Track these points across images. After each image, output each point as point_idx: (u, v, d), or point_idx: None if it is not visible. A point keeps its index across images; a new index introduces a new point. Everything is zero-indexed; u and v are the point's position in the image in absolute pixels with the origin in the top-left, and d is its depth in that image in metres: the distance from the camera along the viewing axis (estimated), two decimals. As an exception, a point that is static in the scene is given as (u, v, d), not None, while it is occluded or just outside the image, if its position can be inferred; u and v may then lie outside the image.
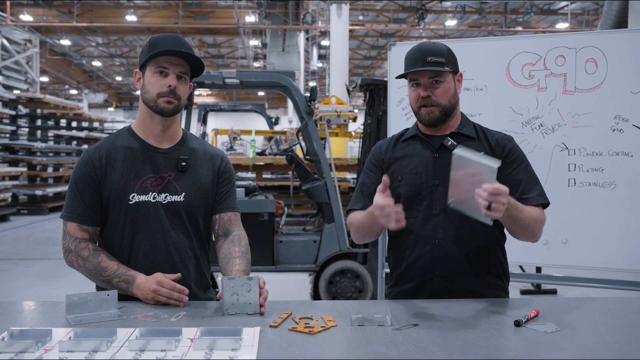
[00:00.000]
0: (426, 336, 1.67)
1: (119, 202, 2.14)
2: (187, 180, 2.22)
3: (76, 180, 2.16)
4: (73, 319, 1.81)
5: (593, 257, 3.57)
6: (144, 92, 2.16)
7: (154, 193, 2.16)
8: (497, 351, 1.56)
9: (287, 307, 1.98)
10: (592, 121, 3.53)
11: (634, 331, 1.75)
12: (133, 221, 2.15)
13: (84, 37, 26.81)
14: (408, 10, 22.19)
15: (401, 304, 2.07)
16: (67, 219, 2.15)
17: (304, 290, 5.97)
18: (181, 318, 1.85)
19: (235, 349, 1.53)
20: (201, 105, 9.79)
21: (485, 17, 23.46)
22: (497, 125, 3.71)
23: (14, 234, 11.57)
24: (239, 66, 32.72)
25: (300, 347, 1.58)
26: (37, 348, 1.52)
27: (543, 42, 3.63)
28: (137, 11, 22.46)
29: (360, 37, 27.82)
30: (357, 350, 1.57)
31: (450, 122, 2.30)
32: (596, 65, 3.52)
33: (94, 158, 2.16)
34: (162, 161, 2.20)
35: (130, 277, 2.06)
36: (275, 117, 10.98)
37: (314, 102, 6.16)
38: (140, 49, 2.50)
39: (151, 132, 2.22)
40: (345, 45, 14.52)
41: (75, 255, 2.12)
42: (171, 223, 2.19)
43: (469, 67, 3.76)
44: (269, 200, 6.03)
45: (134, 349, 1.52)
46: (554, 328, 1.75)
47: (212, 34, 25.18)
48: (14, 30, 19.10)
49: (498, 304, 2.07)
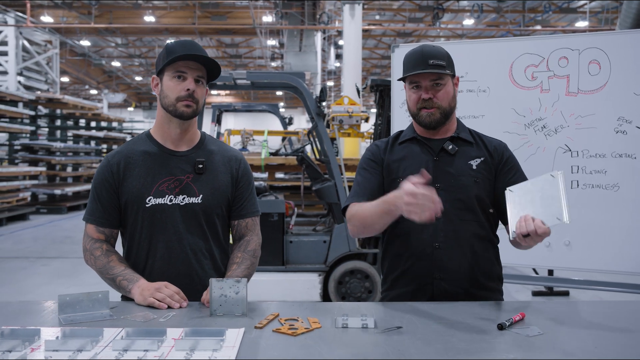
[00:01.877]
0: (407, 339, 1.69)
1: (136, 205, 2.22)
2: (205, 182, 2.27)
3: (95, 185, 2.25)
4: (65, 318, 1.85)
5: (596, 259, 3.56)
6: (163, 96, 2.21)
7: (171, 196, 2.22)
8: (475, 354, 1.57)
9: (276, 308, 2.01)
10: (595, 123, 3.52)
11: (617, 335, 1.75)
12: (150, 224, 2.22)
13: (103, 38, 27.08)
14: (425, 9, 22.11)
15: (389, 306, 2.09)
16: (86, 221, 2.27)
17: (314, 290, 5.99)
18: (170, 319, 1.88)
19: (216, 349, 1.56)
20: (215, 106, 9.85)
21: (503, 16, 23.29)
22: (501, 126, 3.72)
23: (32, 232, 11.75)
24: (257, 66, 32.85)
25: (280, 348, 1.61)
26: (24, 347, 1.56)
27: (546, 43, 3.63)
28: (155, 12, 22.62)
29: (377, 37, 27.78)
30: (335, 352, 1.59)
31: (448, 126, 2.31)
32: (599, 67, 3.51)
33: (112, 163, 2.24)
34: (180, 164, 2.25)
35: (135, 277, 2.13)
36: (289, 117, 11.01)
37: (323, 102, 6.18)
38: (159, 50, 2.53)
39: (169, 136, 2.27)
40: (358, 46, 14.52)
41: (90, 253, 2.23)
42: (187, 225, 2.24)
43: (472, 68, 3.76)
44: (279, 201, 6.06)
45: (117, 349, 1.56)
46: (537, 332, 1.76)
47: (229, 34, 25.28)
48: (35, 31, 19.37)
49: (488, 307, 2.08)
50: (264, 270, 5.93)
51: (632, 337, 1.75)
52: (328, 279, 6.00)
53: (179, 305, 2.01)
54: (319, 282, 6.00)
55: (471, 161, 2.26)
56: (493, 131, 3.69)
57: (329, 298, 5.98)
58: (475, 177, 2.24)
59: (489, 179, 2.26)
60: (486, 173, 2.26)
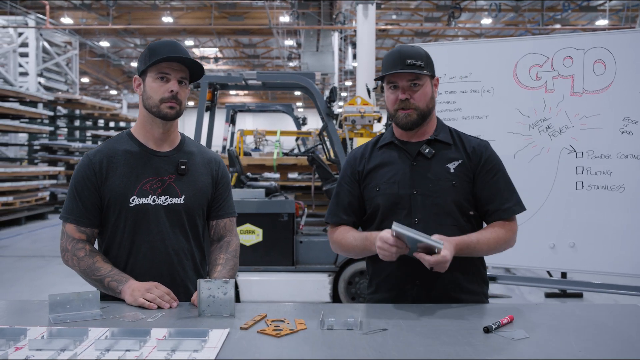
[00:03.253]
0: (390, 341, 1.69)
1: (119, 205, 2.20)
2: (187, 183, 2.28)
3: (76, 183, 2.22)
4: (55, 318, 1.88)
5: (601, 261, 3.52)
6: (146, 97, 2.21)
7: (154, 196, 2.22)
8: (455, 356, 1.57)
9: (266, 309, 2.01)
10: (600, 123, 3.49)
11: (604, 339, 1.73)
12: (133, 223, 2.21)
13: (122, 39, 27.32)
14: (442, 9, 21.97)
15: (378, 308, 2.09)
16: (65, 220, 2.22)
17: (323, 291, 5.99)
18: (158, 319, 1.90)
19: (197, 350, 1.58)
20: (229, 106, 9.89)
21: (522, 15, 23.07)
22: (505, 127, 3.70)
23: (50, 232, 11.90)
24: (275, 66, 32.90)
25: (262, 349, 1.62)
26: (9, 346, 1.58)
27: (550, 43, 3.60)
28: (173, 12, 22.76)
29: (395, 37, 27.69)
30: (316, 353, 1.60)
31: (426, 127, 2.29)
32: (605, 67, 3.47)
33: (94, 162, 2.21)
34: (162, 164, 2.26)
35: (124, 278, 2.13)
36: (303, 117, 11.02)
37: (334, 103, 6.19)
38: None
39: (151, 136, 2.27)
40: (371, 46, 14.46)
41: (72, 254, 2.19)
42: (171, 225, 2.25)
43: (476, 68, 3.75)
44: (289, 201, 6.07)
45: (99, 349, 1.58)
46: (523, 335, 1.74)
47: (246, 34, 25.35)
48: (55, 33, 19.60)
49: (477, 310, 2.07)
50: (274, 270, 5.95)
51: (620, 340, 1.73)
52: (338, 279, 6.00)
53: (169, 305, 2.03)
54: (329, 282, 6.00)
55: (449, 164, 2.24)
56: (497, 132, 3.69)
57: (339, 299, 5.98)
58: (453, 180, 2.22)
59: (468, 182, 2.24)
60: (464, 176, 2.23)
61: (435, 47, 4.26)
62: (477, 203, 2.25)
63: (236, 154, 7.75)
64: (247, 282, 5.89)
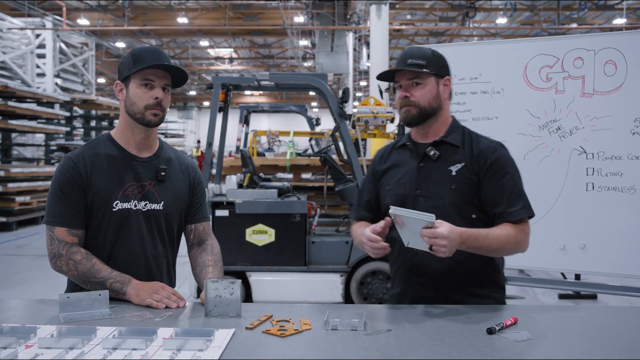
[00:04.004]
0: (394, 342, 1.70)
1: (102, 208, 2.20)
2: (166, 189, 2.31)
3: (61, 186, 2.18)
4: (65, 317, 1.91)
5: (612, 263, 3.51)
6: (130, 103, 2.21)
7: (135, 201, 2.23)
8: (456, 357, 1.58)
9: (272, 309, 2.04)
10: (611, 124, 3.47)
11: (607, 341, 1.74)
12: (115, 227, 2.22)
13: (138, 40, 27.52)
14: (457, 8, 21.89)
15: (384, 309, 2.12)
16: (54, 224, 2.18)
17: (336, 291, 6.02)
18: (166, 318, 1.93)
19: (202, 349, 1.60)
20: (243, 106, 9.93)
21: (537, 14, 22.92)
22: (515, 128, 3.70)
23: (66, 231, 12.01)
24: (290, 67, 32.95)
25: (266, 349, 1.64)
26: (19, 344, 1.62)
27: (561, 44, 3.59)
28: (188, 13, 22.91)
29: (410, 37, 27.65)
30: (317, 354, 1.62)
31: (437, 128, 2.31)
32: (615, 67, 3.45)
33: (79, 164, 2.19)
34: (142, 170, 2.27)
35: (126, 279, 2.14)
36: (316, 118, 11.04)
37: (346, 103, 6.20)
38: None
39: (132, 141, 2.28)
40: (385, 46, 14.46)
41: (67, 259, 2.15)
42: (149, 230, 2.27)
43: (486, 69, 3.75)
44: (301, 201, 6.10)
45: (107, 347, 1.61)
46: (526, 336, 1.75)
47: (261, 34, 25.44)
48: (71, 34, 19.80)
49: (482, 311, 2.08)
50: (286, 270, 5.98)
51: (623, 342, 1.74)
52: (350, 279, 6.01)
53: (176, 305, 2.06)
54: (341, 282, 6.02)
55: (451, 167, 2.25)
56: (507, 133, 3.69)
57: (351, 299, 6.00)
58: (453, 183, 2.23)
59: (470, 185, 2.23)
60: (466, 179, 2.23)
61: (445, 48, 4.25)
62: (484, 206, 2.25)
63: (249, 155, 7.78)
64: (259, 282, 5.93)
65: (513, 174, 2.26)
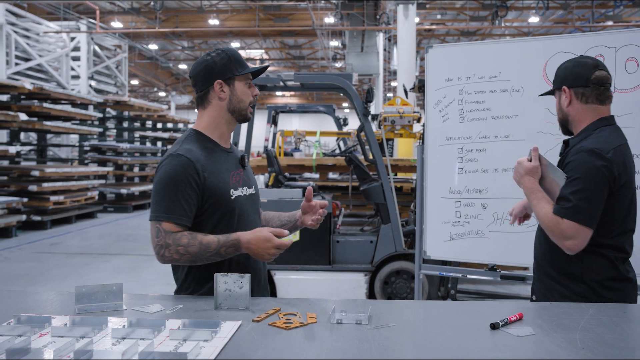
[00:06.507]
0: (395, 336, 1.73)
1: (221, 199, 2.30)
2: (248, 174, 2.52)
3: (178, 182, 2.21)
4: (80, 308, 1.98)
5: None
6: (237, 101, 2.38)
7: (240, 187, 2.39)
8: (456, 352, 1.60)
9: (281, 303, 2.07)
10: (632, 122, 3.42)
11: (609, 338, 1.73)
12: (237, 215, 2.34)
13: (170, 42, 27.93)
14: (488, 7, 21.69)
15: (391, 304, 2.13)
16: (164, 220, 2.20)
17: (360, 290, 6.04)
18: (177, 310, 1.98)
19: (207, 339, 1.65)
20: (270, 107, 10.02)
21: (571, 12, 22.57)
22: (535, 126, 3.67)
23: (98, 230, 12.28)
24: (320, 67, 33.05)
25: (269, 340, 1.68)
26: (33, 332, 1.69)
27: (581, 41, 3.55)
28: (219, 15, 23.16)
29: (440, 36, 27.50)
30: (319, 345, 1.65)
31: None
32: (637, 64, 3.41)
33: (194, 160, 2.25)
34: (232, 159, 2.45)
35: (235, 240, 2.21)
36: (344, 118, 11.08)
37: (370, 103, 6.23)
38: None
39: (224, 135, 2.44)
40: (412, 46, 14.41)
41: (175, 246, 2.17)
42: (255, 212, 2.48)
43: (505, 68, 3.73)
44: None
45: (116, 337, 1.67)
46: (529, 332, 1.76)
47: (291, 35, 25.59)
48: (105, 37, 20.19)
49: (488, 306, 2.09)
50: (311, 269, 6.02)
51: (626, 340, 1.73)
52: (374, 279, 6.03)
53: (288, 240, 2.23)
54: (365, 282, 6.04)
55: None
56: (527, 131, 3.67)
57: (375, 298, 6.01)
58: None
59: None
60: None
61: (465, 47, 4.24)
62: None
63: (274, 154, 7.85)
64: (284, 280, 5.98)
65: (580, 178, 2.33)
